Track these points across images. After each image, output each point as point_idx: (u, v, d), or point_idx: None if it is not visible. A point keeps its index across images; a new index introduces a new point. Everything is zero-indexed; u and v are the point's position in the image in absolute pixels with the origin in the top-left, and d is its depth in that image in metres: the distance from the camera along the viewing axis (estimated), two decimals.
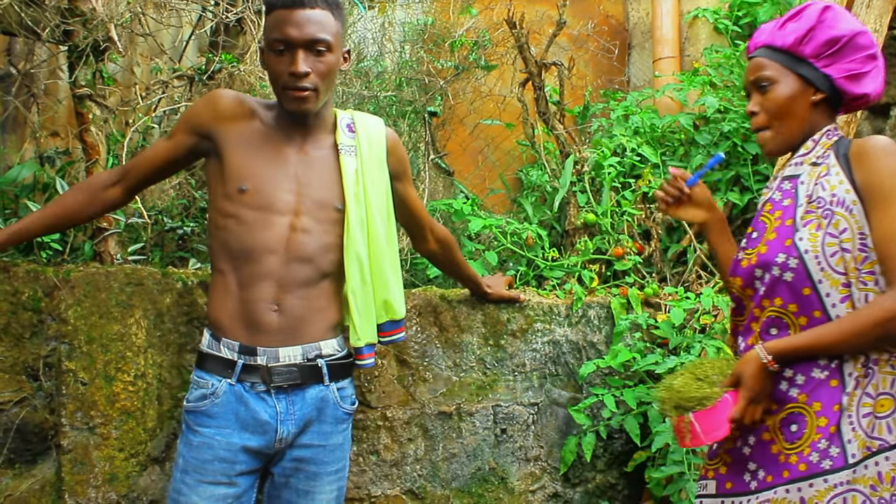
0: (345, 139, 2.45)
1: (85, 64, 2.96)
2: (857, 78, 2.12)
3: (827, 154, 2.11)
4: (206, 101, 2.43)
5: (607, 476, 3.39)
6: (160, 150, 2.46)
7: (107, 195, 2.49)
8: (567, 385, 3.35)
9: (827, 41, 2.09)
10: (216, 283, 2.35)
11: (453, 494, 3.14)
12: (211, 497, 2.26)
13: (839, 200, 2.02)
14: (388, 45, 4.57)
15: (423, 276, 3.67)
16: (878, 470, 1.95)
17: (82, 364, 2.70)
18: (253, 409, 2.29)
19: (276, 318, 2.30)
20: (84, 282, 2.72)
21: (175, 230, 3.34)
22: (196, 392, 2.32)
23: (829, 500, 1.94)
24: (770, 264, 2.07)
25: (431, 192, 4.06)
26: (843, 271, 1.99)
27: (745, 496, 2.10)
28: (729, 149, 4.24)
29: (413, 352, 3.12)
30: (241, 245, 2.30)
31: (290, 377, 2.31)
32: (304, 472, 2.37)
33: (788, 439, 2.03)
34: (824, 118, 2.15)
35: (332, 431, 2.41)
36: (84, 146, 3.03)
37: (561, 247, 4.02)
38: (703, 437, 2.06)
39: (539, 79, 4.16)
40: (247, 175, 2.31)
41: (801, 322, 2.04)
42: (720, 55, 4.66)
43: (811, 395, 2.01)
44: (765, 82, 2.14)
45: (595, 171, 4.08)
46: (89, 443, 2.70)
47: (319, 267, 2.36)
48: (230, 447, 2.28)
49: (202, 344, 2.35)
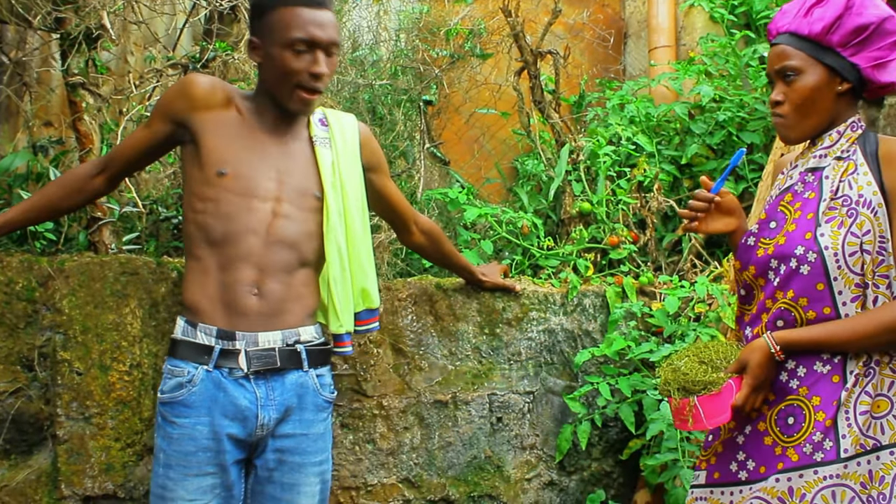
0: (318, 132, 2.46)
1: (77, 52, 2.95)
2: (885, 66, 2.07)
3: (853, 149, 2.08)
4: (178, 87, 2.39)
5: (602, 464, 3.40)
6: (139, 138, 2.44)
7: (90, 185, 2.48)
8: (562, 373, 3.36)
9: (855, 29, 2.03)
10: (192, 268, 2.31)
11: (449, 483, 3.15)
12: (199, 489, 2.22)
13: (866, 201, 2.00)
14: (384, 33, 4.56)
15: (418, 266, 3.67)
16: (870, 468, 1.95)
17: (77, 354, 2.69)
18: (232, 396, 2.25)
19: (255, 302, 2.27)
20: (78, 271, 2.71)
21: (170, 220, 3.33)
22: (170, 382, 2.27)
23: (817, 492, 1.94)
24: (788, 256, 2.04)
25: (427, 181, 4.05)
26: (861, 272, 1.98)
27: (736, 486, 2.10)
28: (724, 138, 4.25)
29: (409, 340, 3.12)
30: (223, 229, 2.27)
31: (269, 361, 2.28)
32: (288, 464, 2.34)
33: (785, 432, 2.03)
34: (849, 108, 2.11)
35: (314, 420, 2.39)
36: (77, 135, 3.02)
37: (556, 236, 4.02)
38: (706, 422, 2.05)
39: (535, 68, 4.15)
40: (226, 159, 2.29)
41: (809, 316, 2.03)
42: (716, 44, 4.66)
43: (812, 388, 2.01)
44: (790, 72, 2.08)
45: (590, 160, 4.08)
46: (85, 433, 2.70)
47: (301, 253, 2.35)
48: (213, 435, 2.23)
49: (175, 332, 2.30)
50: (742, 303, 2.23)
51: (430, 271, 3.59)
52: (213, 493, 2.24)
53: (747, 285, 2.19)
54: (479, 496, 3.19)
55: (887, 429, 1.97)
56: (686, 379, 2.09)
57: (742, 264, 2.18)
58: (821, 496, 1.94)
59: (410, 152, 4.18)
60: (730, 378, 2.05)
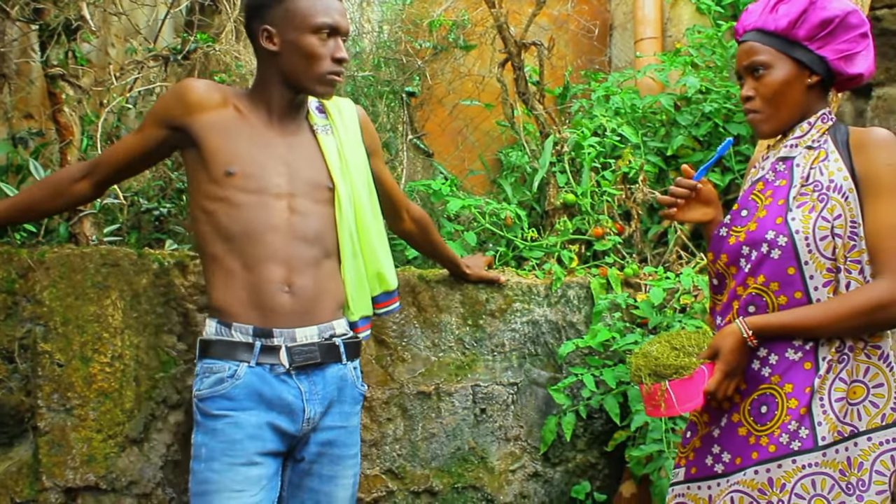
0: (318, 119, 2.47)
1: (57, 43, 2.93)
2: (852, 58, 2.10)
3: (824, 139, 2.11)
4: (174, 92, 2.38)
5: (587, 455, 3.40)
6: (129, 144, 2.42)
7: (74, 189, 2.46)
8: (546, 365, 3.35)
9: (820, 22, 2.07)
10: (213, 269, 2.29)
11: (433, 474, 3.14)
12: (247, 479, 2.19)
13: (836, 187, 2.02)
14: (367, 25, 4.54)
15: (401, 257, 3.66)
16: (848, 455, 1.96)
17: (58, 345, 2.68)
18: (278, 390, 2.24)
19: (288, 300, 2.27)
20: (59, 263, 2.70)
21: (151, 211, 3.32)
22: (209, 379, 2.25)
23: (797, 481, 1.95)
24: (759, 241, 2.06)
25: (410, 172, 4.05)
26: (832, 257, 1.99)
27: (713, 480, 2.11)
28: (710, 129, 4.24)
29: (391, 332, 3.11)
30: (239, 226, 2.25)
31: (310, 356, 2.28)
32: (329, 457, 2.35)
33: (758, 421, 2.03)
34: (819, 100, 2.14)
35: (351, 412, 2.40)
36: (57, 127, 3.00)
37: (540, 227, 4.01)
38: (678, 407, 2.05)
39: (519, 59, 4.14)
40: (233, 158, 2.28)
41: (780, 301, 2.04)
42: (702, 35, 4.65)
43: (784, 376, 2.02)
44: (759, 67, 2.11)
45: (575, 151, 4.07)
46: (66, 424, 2.69)
47: (324, 246, 2.35)
48: (258, 425, 2.22)
49: (207, 333, 2.29)
50: (714, 293, 2.24)
51: (413, 263, 3.59)
52: (259, 484, 2.21)
53: (719, 275, 2.21)
54: (463, 487, 3.18)
55: (864, 415, 1.98)
56: (657, 364, 2.09)
57: (714, 255, 2.20)
58: (801, 485, 1.94)
59: (393, 144, 4.18)
60: (702, 364, 2.05)
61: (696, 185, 2.25)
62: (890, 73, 4.13)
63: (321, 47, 2.30)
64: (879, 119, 4.15)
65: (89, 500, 2.71)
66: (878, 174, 1.99)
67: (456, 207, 3.66)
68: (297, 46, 2.31)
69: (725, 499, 2.03)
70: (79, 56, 3.04)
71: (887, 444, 1.97)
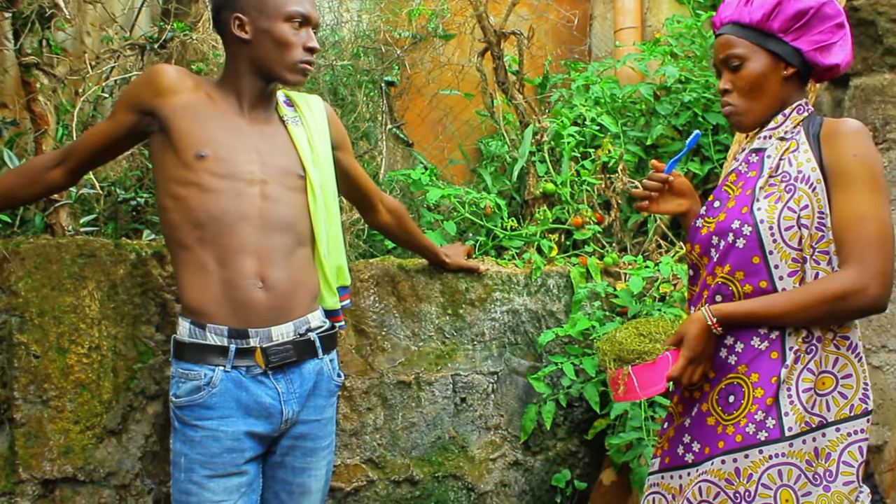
0: (287, 112, 2.46)
1: (31, 32, 2.90)
2: (827, 49, 2.10)
3: (797, 130, 2.11)
4: (146, 77, 2.35)
5: (567, 444, 3.40)
6: (102, 130, 2.39)
7: (47, 177, 2.43)
8: (526, 354, 3.36)
9: (795, 14, 2.07)
10: (185, 262, 2.26)
11: (413, 463, 3.14)
12: (225, 490, 2.21)
13: (804, 177, 2.02)
14: (346, 14, 4.52)
15: (381, 247, 3.65)
16: (816, 445, 1.96)
17: (34, 337, 2.66)
18: (255, 394, 2.23)
19: (263, 296, 2.24)
20: (35, 253, 2.67)
21: (128, 201, 3.29)
22: (186, 385, 2.23)
23: (764, 471, 1.96)
24: (726, 231, 2.07)
25: (390, 162, 4.04)
26: (798, 247, 2.00)
27: (684, 469, 2.12)
28: (689, 119, 4.25)
29: (371, 321, 3.10)
30: (209, 213, 2.22)
31: (286, 356, 2.27)
32: (301, 449, 2.35)
33: (726, 410, 2.04)
34: (795, 91, 2.15)
35: (325, 405, 2.40)
36: (32, 116, 2.97)
37: (520, 216, 4.02)
38: (639, 391, 2.06)
39: (498, 48, 4.14)
40: (204, 141, 2.25)
41: (746, 290, 2.05)
42: (681, 25, 4.66)
43: (750, 365, 2.03)
44: (735, 60, 2.12)
45: (555, 140, 4.08)
46: (43, 416, 2.67)
47: (297, 234, 2.33)
48: (236, 436, 2.22)
49: (180, 334, 2.27)
50: (690, 284, 2.27)
51: (392, 252, 3.58)
52: (238, 492, 2.23)
53: (694, 265, 2.23)
54: (443, 476, 3.18)
55: (833, 405, 1.98)
56: (622, 349, 2.11)
57: (690, 245, 2.22)
58: (767, 475, 1.95)
59: (373, 133, 4.16)
60: (667, 350, 2.06)
61: (667, 178, 2.28)
62: (867, 63, 4.15)
63: (293, 36, 2.30)
64: (857, 109, 4.17)
65: (67, 491, 2.69)
66: (846, 165, 1.99)
67: (436, 197, 3.66)
68: (269, 34, 2.30)
69: (694, 489, 2.04)
70: (53, 44, 3.01)
71: (855, 435, 1.97)
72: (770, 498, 1.95)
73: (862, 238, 1.93)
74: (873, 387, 3.88)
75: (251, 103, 2.37)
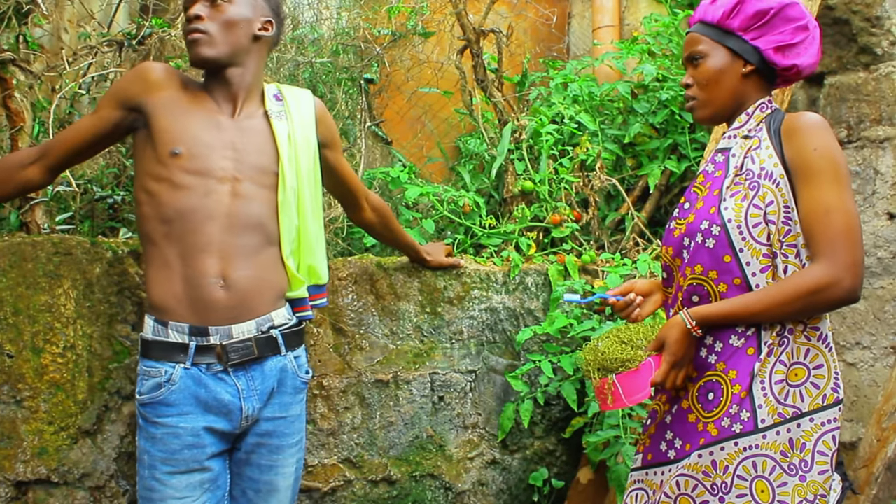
0: (273, 106, 2.45)
1: (7, 27, 2.87)
2: (787, 49, 2.14)
3: (760, 127, 2.15)
4: (134, 73, 2.36)
5: (545, 442, 3.41)
6: (84, 125, 2.38)
7: (23, 175, 2.39)
8: (504, 352, 3.36)
9: (755, 14, 2.12)
10: (152, 257, 2.26)
11: (391, 462, 3.14)
12: (188, 486, 2.21)
13: (767, 173, 2.05)
14: (325, 11, 4.50)
15: (359, 246, 3.65)
16: (790, 437, 1.99)
17: (8, 336, 2.63)
18: (213, 391, 2.24)
19: (223, 295, 2.24)
20: (9, 252, 2.65)
21: (105, 199, 3.27)
22: (148, 383, 2.24)
23: (738, 463, 1.99)
24: (695, 231, 2.10)
25: (368, 160, 4.03)
26: (767, 242, 2.02)
27: (666, 465, 2.14)
28: (667, 116, 4.27)
29: (349, 320, 3.10)
30: (177, 209, 2.23)
31: (246, 352, 2.27)
32: (267, 447, 2.35)
33: (706, 408, 2.07)
34: (757, 90, 2.18)
35: (292, 402, 2.40)
36: (8, 113, 2.94)
37: (498, 214, 4.02)
38: (625, 399, 2.08)
39: (477, 46, 4.13)
40: (179, 138, 2.26)
41: (720, 289, 2.07)
42: (659, 24, 4.68)
43: (728, 362, 2.05)
44: (697, 56, 2.19)
45: (533, 138, 4.08)
46: (17, 416, 2.64)
47: (266, 234, 2.32)
48: (195, 432, 2.22)
49: (145, 332, 2.27)
50: (665, 286, 2.29)
51: (371, 251, 3.58)
52: (202, 488, 2.24)
53: (667, 268, 2.26)
54: (421, 476, 3.18)
55: (806, 396, 2.01)
56: (605, 358, 2.14)
57: (664, 248, 2.26)
58: (742, 467, 1.98)
59: (352, 131, 4.15)
60: (649, 356, 2.08)
61: (630, 300, 2.39)
62: (842, 62, 4.18)
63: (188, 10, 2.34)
64: (832, 107, 4.20)
65: (40, 493, 2.67)
66: (807, 159, 2.02)
67: (414, 195, 3.66)
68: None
69: (672, 483, 2.07)
70: (30, 41, 2.99)
71: (829, 425, 2.01)
72: (746, 489, 1.97)
73: (830, 231, 1.96)
74: (848, 384, 3.92)
75: (229, 99, 2.37)
